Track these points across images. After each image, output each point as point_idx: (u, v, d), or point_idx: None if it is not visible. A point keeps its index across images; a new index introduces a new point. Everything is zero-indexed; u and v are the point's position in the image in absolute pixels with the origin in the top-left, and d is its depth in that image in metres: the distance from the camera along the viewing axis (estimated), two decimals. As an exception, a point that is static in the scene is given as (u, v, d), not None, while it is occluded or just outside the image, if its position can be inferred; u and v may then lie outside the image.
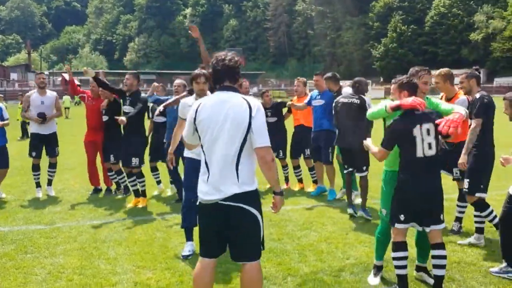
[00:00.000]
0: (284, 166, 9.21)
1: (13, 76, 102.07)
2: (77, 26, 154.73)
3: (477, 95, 5.64)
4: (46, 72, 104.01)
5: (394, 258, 4.41)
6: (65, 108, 32.72)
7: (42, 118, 8.49)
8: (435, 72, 6.30)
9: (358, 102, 6.98)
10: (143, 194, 7.99)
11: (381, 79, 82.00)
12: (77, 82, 9.31)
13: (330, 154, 8.21)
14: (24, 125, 20.07)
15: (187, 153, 5.35)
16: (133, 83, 7.81)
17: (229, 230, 3.57)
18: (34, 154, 8.69)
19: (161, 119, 8.41)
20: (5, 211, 7.68)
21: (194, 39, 6.69)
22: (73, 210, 7.70)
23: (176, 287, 4.56)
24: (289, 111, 9.05)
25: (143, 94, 7.99)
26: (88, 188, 9.01)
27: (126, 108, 7.77)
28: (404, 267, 4.39)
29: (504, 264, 4.89)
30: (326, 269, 5.09)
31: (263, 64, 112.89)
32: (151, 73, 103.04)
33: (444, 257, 4.35)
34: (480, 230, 5.82)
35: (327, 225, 6.67)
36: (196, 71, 5.34)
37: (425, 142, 4.29)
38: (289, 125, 9.05)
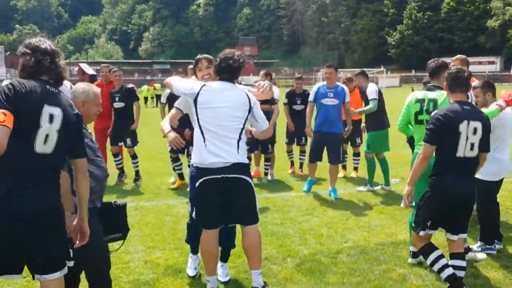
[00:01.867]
0: (303, 152, 9.47)
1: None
2: (93, 16, 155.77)
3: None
4: (63, 62, 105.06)
5: (431, 264, 4.17)
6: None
7: None
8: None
9: None
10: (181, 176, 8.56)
11: (396, 67, 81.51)
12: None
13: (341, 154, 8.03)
14: None
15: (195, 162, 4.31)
16: None
17: (231, 200, 4.13)
18: None
19: None
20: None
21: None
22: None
23: (183, 265, 4.90)
24: None
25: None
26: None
27: None
28: (446, 266, 4.07)
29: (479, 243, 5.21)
30: (324, 251, 5.40)
31: (276, 53, 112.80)
32: (166, 63, 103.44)
33: (464, 268, 4.17)
34: None
35: (328, 211, 6.97)
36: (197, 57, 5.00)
37: (468, 141, 3.97)
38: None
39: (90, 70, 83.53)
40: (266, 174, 9.01)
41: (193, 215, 4.37)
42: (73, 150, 3.05)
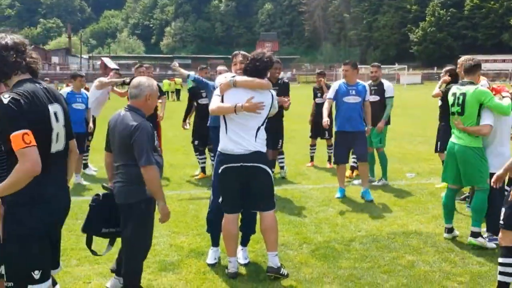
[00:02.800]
0: (330, 145, 9.71)
1: (54, 59, 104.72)
2: (115, 10, 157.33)
3: None
4: (86, 56, 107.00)
5: (501, 264, 4.09)
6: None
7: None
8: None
9: None
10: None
11: (418, 64, 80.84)
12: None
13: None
14: None
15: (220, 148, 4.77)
16: None
17: (250, 186, 4.52)
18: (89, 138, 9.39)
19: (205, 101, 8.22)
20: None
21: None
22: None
23: (206, 249, 5.26)
24: None
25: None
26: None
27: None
28: (510, 275, 4.02)
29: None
30: (338, 239, 5.72)
31: (297, 49, 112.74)
32: (187, 58, 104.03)
33: None
34: None
35: (344, 203, 7.28)
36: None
37: None
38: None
39: (112, 64, 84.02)
40: (282, 168, 9.08)
41: (216, 202, 4.82)
42: (68, 134, 3.13)
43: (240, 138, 4.44)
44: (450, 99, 5.63)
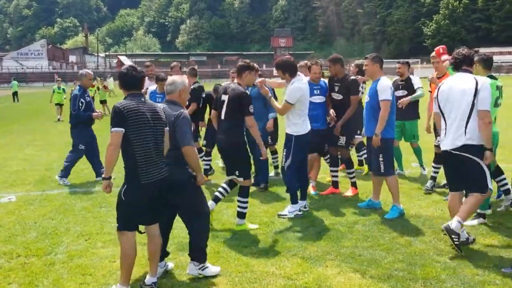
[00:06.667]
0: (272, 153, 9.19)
1: (72, 58, 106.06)
2: (131, 9, 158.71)
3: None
4: (102, 55, 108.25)
5: None
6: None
7: None
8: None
9: None
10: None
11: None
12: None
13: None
14: None
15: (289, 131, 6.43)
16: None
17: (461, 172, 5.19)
18: None
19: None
20: (80, 176, 9.15)
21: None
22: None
23: (218, 232, 5.77)
24: None
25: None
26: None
27: None
28: None
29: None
30: (342, 222, 6.16)
31: (311, 44, 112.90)
32: (202, 55, 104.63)
33: None
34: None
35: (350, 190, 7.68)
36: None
37: None
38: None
39: (128, 62, 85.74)
40: (275, 167, 9.01)
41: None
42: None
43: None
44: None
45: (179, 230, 5.94)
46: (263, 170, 8.05)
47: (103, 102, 23.88)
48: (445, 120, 5.26)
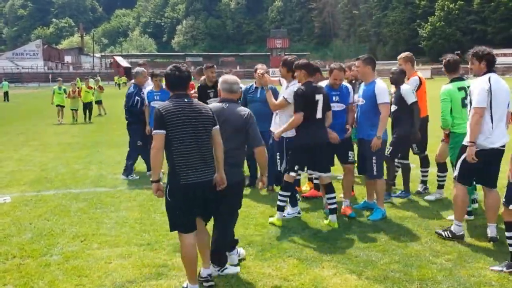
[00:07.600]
0: None
1: (67, 58, 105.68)
2: (127, 9, 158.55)
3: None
4: (98, 55, 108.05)
5: (508, 238, 4.76)
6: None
7: None
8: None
9: None
10: None
11: (428, 59, 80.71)
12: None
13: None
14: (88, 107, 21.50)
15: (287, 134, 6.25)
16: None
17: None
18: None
19: (214, 101, 8.05)
20: (75, 177, 9.13)
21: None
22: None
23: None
24: None
25: None
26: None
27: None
28: None
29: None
30: (338, 223, 6.14)
31: (307, 45, 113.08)
32: (198, 55, 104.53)
33: None
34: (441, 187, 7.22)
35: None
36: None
37: None
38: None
39: (124, 63, 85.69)
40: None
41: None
42: None
43: None
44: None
45: (174, 232, 5.94)
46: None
47: (98, 102, 23.74)
48: (491, 117, 5.18)
